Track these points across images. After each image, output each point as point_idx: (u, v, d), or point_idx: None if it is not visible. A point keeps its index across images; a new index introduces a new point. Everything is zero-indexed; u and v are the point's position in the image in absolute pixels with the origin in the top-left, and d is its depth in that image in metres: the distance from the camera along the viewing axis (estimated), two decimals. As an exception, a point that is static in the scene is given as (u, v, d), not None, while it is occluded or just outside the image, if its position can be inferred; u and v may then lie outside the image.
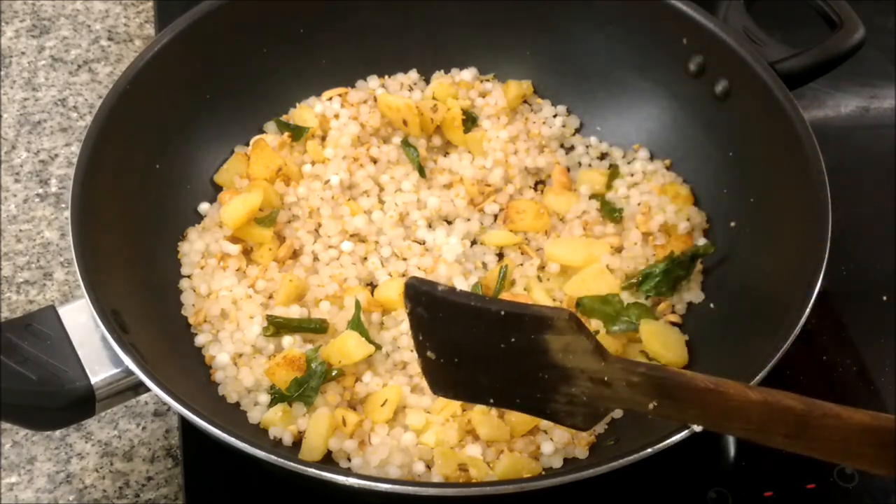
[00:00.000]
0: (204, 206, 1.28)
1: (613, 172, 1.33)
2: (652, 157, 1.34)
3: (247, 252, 1.25)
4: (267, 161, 1.28)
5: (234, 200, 1.23)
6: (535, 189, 1.34)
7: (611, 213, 1.29)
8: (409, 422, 1.12)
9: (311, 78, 1.36)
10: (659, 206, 1.28)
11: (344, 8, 1.34)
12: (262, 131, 1.34)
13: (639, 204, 1.29)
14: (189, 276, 1.23)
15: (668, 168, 1.33)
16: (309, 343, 1.18)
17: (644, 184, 1.31)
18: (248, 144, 1.32)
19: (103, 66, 1.51)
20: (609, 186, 1.32)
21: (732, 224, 1.24)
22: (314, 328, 1.18)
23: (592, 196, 1.31)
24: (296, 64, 1.34)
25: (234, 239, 1.24)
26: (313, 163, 1.31)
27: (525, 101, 1.39)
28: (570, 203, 1.30)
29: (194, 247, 1.24)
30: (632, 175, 1.32)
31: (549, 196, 1.31)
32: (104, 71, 1.51)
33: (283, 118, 1.35)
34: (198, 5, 1.26)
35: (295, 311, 1.19)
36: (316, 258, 1.25)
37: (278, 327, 1.17)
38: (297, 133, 1.32)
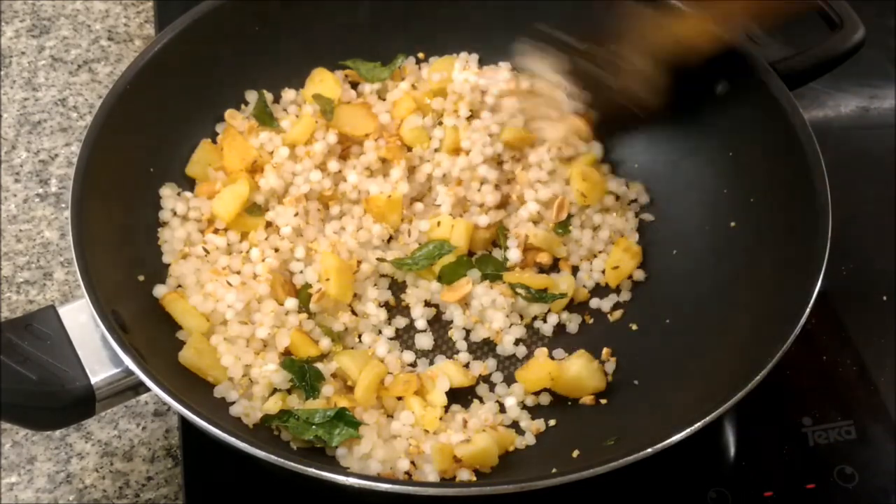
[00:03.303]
0: (171, 207, 1.24)
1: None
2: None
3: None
4: (242, 153, 1.26)
5: (224, 193, 1.22)
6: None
7: (563, 224, 1.28)
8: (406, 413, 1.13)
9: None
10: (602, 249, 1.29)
11: (345, 8, 1.34)
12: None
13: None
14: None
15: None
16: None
17: (604, 228, 1.29)
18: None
19: (103, 66, 1.51)
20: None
21: (732, 224, 1.24)
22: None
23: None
24: (296, 64, 1.34)
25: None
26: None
27: None
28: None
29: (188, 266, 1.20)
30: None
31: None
32: (104, 71, 1.51)
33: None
34: (198, 5, 1.26)
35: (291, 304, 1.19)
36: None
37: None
38: (265, 119, 1.30)
